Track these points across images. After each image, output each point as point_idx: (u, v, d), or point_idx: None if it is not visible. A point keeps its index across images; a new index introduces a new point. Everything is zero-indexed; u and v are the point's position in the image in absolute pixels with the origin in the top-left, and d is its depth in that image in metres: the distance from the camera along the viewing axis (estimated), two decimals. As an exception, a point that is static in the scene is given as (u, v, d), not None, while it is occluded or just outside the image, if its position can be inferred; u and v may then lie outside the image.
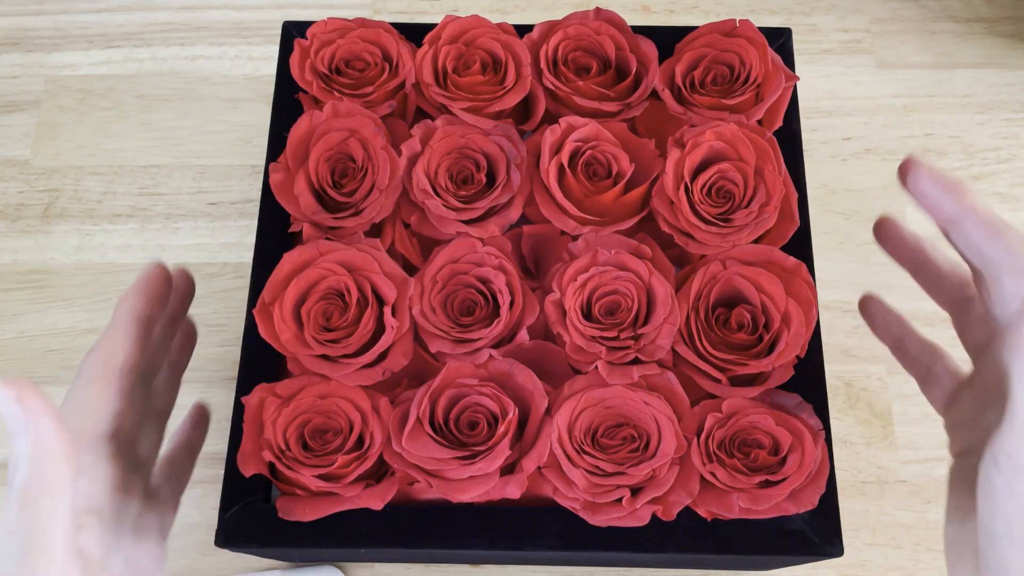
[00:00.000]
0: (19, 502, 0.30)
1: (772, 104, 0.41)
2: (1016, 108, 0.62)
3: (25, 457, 0.30)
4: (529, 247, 0.41)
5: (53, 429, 0.30)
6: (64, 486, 0.31)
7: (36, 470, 0.30)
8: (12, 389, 0.30)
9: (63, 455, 0.31)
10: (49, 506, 0.30)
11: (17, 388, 0.30)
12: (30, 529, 0.30)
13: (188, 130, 0.62)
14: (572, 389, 0.37)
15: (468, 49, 0.42)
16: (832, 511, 0.36)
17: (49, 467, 0.30)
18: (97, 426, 0.36)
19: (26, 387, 0.30)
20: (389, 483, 0.36)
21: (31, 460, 0.30)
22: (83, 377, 0.37)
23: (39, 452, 0.30)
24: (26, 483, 0.30)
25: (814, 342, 0.38)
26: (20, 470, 0.30)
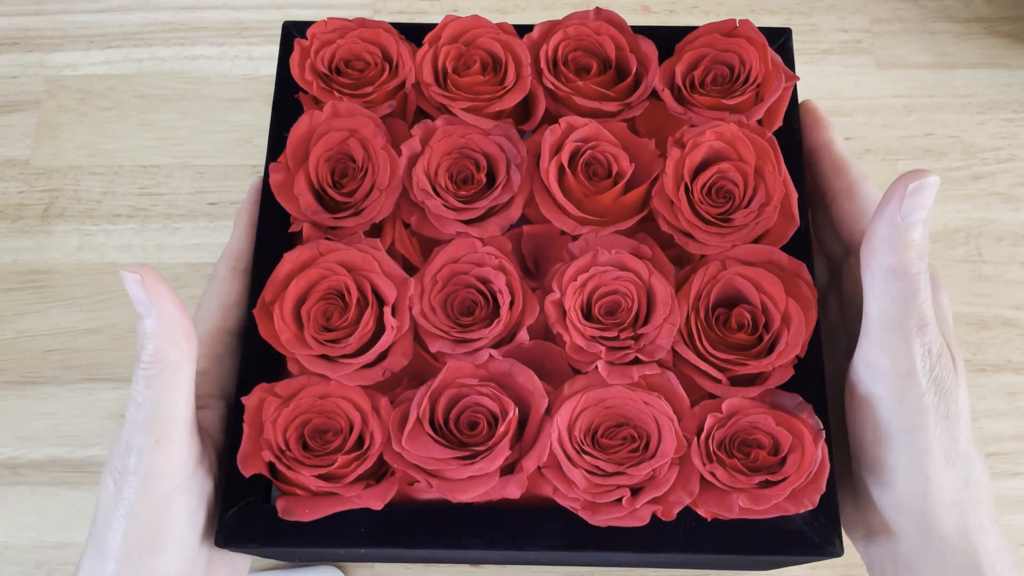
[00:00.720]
0: (144, 376, 0.34)
1: (772, 104, 0.41)
2: (1016, 108, 0.62)
3: (150, 335, 0.33)
4: (529, 247, 0.41)
5: (174, 311, 0.33)
6: (184, 363, 0.34)
7: (159, 347, 0.33)
8: (136, 273, 0.33)
9: (183, 335, 0.34)
10: (171, 381, 0.34)
11: (141, 273, 0.33)
12: (154, 401, 0.34)
13: (188, 130, 0.62)
14: (572, 389, 0.37)
15: (468, 49, 0.42)
16: (832, 511, 0.36)
17: (170, 345, 0.33)
18: (227, 321, 0.40)
19: (148, 272, 0.33)
20: (389, 483, 0.36)
21: (155, 338, 0.33)
22: (214, 280, 0.41)
23: (162, 331, 0.33)
24: (151, 360, 0.33)
25: (814, 342, 0.38)
26: (146, 348, 0.33)
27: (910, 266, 0.33)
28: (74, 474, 0.54)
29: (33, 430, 0.55)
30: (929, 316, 0.34)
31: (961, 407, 0.35)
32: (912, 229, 0.33)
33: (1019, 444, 0.54)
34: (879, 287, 0.34)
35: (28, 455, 0.54)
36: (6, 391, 0.56)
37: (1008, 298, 0.57)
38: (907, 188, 0.32)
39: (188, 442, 0.35)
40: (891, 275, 0.33)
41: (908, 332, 0.34)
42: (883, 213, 0.33)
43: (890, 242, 0.33)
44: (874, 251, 0.34)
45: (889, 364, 0.35)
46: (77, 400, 0.55)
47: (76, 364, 0.56)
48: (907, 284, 0.33)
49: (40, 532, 0.53)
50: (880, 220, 0.33)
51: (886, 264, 0.33)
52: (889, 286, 0.34)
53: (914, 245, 0.33)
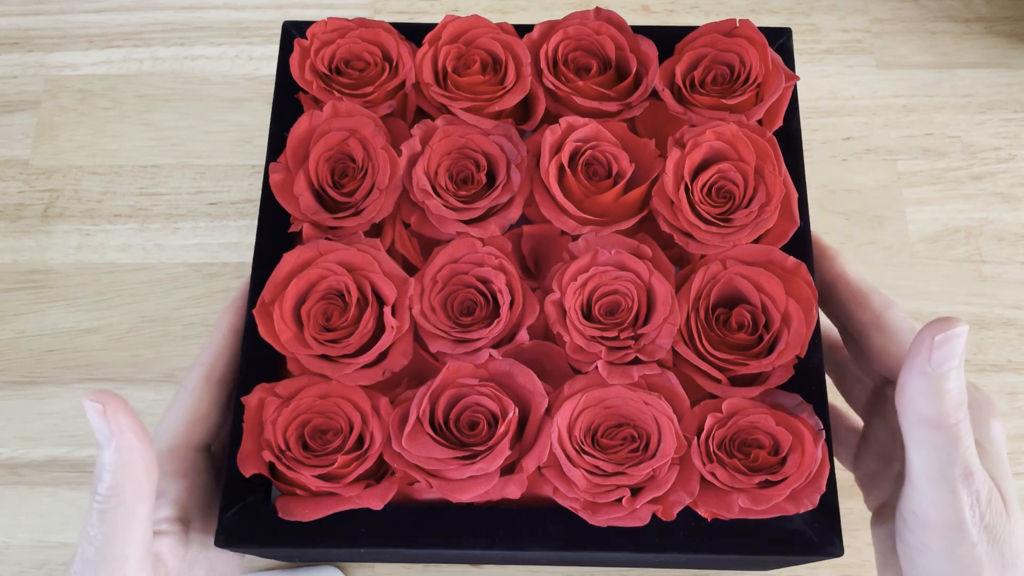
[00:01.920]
0: (99, 512, 0.32)
1: (772, 104, 0.41)
2: (1016, 108, 0.62)
3: (108, 468, 0.32)
4: (529, 247, 0.41)
5: (136, 443, 0.32)
6: (142, 498, 0.33)
7: (117, 482, 0.32)
8: (98, 402, 0.31)
9: (144, 469, 0.32)
10: (126, 517, 0.32)
11: (103, 402, 0.31)
12: (107, 538, 0.32)
13: (188, 130, 0.62)
14: (572, 389, 0.37)
15: (468, 49, 0.42)
16: (832, 511, 0.36)
17: (129, 480, 0.32)
18: (193, 436, 0.38)
19: (112, 401, 0.31)
20: (389, 483, 0.36)
21: (113, 472, 0.32)
22: (183, 390, 0.39)
23: (121, 465, 0.32)
24: (106, 494, 0.32)
25: (814, 342, 0.38)
26: (103, 480, 0.32)
27: (947, 417, 0.32)
28: (74, 474, 0.54)
29: (33, 430, 0.55)
30: (974, 463, 0.33)
31: (1017, 551, 0.34)
32: (945, 379, 0.31)
33: (1019, 444, 0.54)
34: (918, 438, 0.33)
35: (28, 455, 0.54)
36: (6, 391, 0.56)
37: (1008, 298, 0.57)
38: (934, 339, 0.31)
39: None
40: (929, 427, 0.32)
41: (953, 483, 0.32)
42: (913, 365, 0.32)
43: (924, 393, 0.32)
44: (908, 402, 0.32)
45: (936, 516, 0.33)
46: (77, 400, 0.55)
47: (76, 364, 0.56)
48: (946, 435, 0.32)
49: (40, 532, 0.53)
50: (911, 371, 0.32)
51: (922, 415, 0.32)
52: (928, 437, 0.32)
53: (949, 395, 0.32)
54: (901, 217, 0.59)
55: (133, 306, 0.57)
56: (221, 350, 0.40)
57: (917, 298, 0.57)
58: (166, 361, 0.56)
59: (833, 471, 0.36)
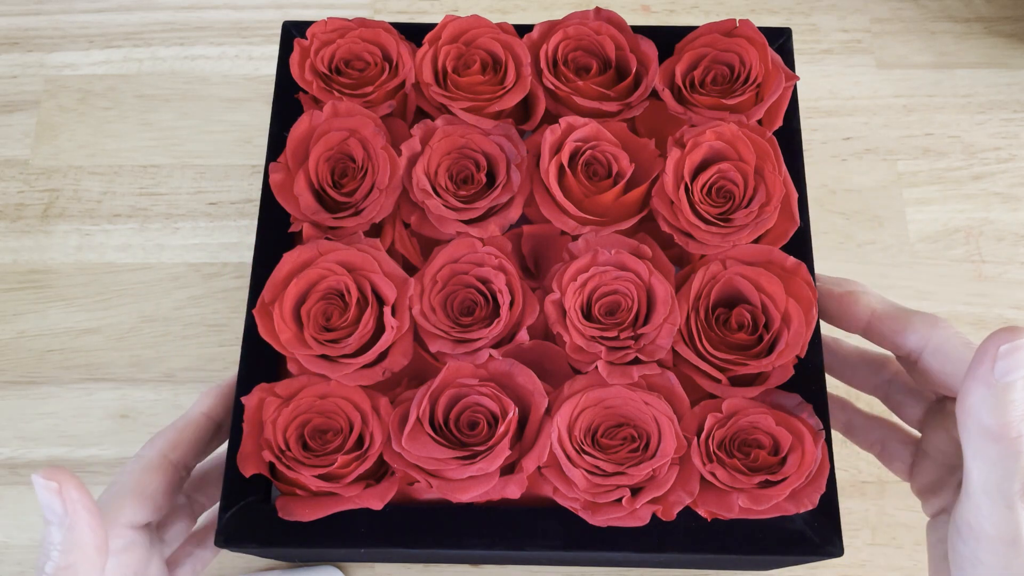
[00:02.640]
0: None
1: (772, 104, 0.41)
2: (1016, 108, 0.62)
3: (58, 547, 0.31)
4: (529, 247, 0.41)
5: (89, 523, 0.31)
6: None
7: (67, 562, 0.31)
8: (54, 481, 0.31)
9: (95, 549, 0.32)
10: None
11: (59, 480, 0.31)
12: None
13: (188, 130, 0.62)
14: (572, 389, 0.37)
15: (468, 49, 0.42)
16: (832, 511, 0.36)
17: (81, 560, 0.32)
18: (138, 515, 0.37)
19: (66, 480, 0.31)
20: (389, 483, 0.36)
21: (64, 551, 0.31)
22: (139, 461, 0.38)
23: (73, 545, 0.31)
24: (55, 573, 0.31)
25: (814, 342, 0.38)
26: (51, 560, 0.31)
27: (1009, 429, 0.31)
28: (74, 474, 0.54)
29: (33, 430, 0.55)
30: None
31: None
32: (1009, 390, 0.30)
33: (1019, 444, 0.54)
34: (977, 450, 0.32)
35: (28, 455, 0.54)
36: (6, 391, 0.56)
37: (1008, 298, 0.57)
38: (999, 349, 0.30)
39: None
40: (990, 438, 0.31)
41: (1011, 498, 0.31)
42: (976, 374, 0.31)
43: (986, 404, 0.31)
44: (969, 412, 0.32)
45: (992, 530, 0.32)
46: (77, 400, 0.55)
47: (76, 364, 0.56)
48: (1008, 447, 0.31)
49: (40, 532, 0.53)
50: (973, 381, 0.31)
51: (983, 426, 0.31)
52: (988, 449, 0.31)
53: (1013, 406, 0.31)
54: (901, 217, 0.59)
55: (133, 306, 0.57)
56: (188, 432, 0.39)
57: (917, 298, 0.57)
58: (166, 361, 0.56)
59: (833, 471, 0.36)
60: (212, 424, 0.40)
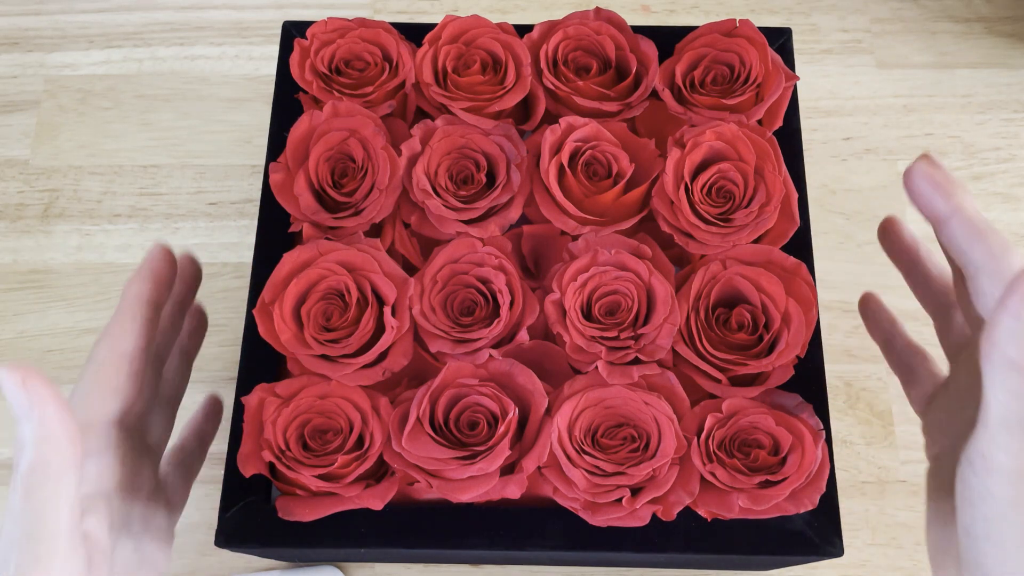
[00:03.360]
0: (23, 488, 0.30)
1: (772, 104, 0.41)
2: (1016, 108, 0.62)
3: (30, 443, 0.30)
4: (529, 247, 0.41)
5: (57, 415, 0.30)
6: (68, 471, 0.31)
7: (40, 456, 0.30)
8: (16, 374, 0.30)
9: (68, 441, 0.31)
10: (53, 491, 0.31)
11: (22, 374, 0.30)
12: (34, 515, 0.31)
13: (188, 130, 0.62)
14: (572, 389, 0.37)
15: (468, 49, 0.42)
16: (832, 511, 0.36)
17: (53, 453, 0.30)
18: (107, 411, 0.36)
19: (31, 373, 0.30)
20: (389, 483, 0.36)
21: (36, 446, 0.30)
22: (93, 363, 0.37)
23: (43, 438, 0.30)
24: (30, 469, 0.30)
25: (814, 342, 0.38)
26: (25, 455, 0.30)
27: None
28: (74, 474, 0.54)
29: (33, 430, 0.55)
30: None
31: None
32: None
33: (1019, 444, 0.54)
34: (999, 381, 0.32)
35: (28, 455, 0.54)
36: (6, 391, 0.56)
37: (1008, 298, 0.57)
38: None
39: (72, 557, 0.32)
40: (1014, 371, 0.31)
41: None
42: (1007, 305, 0.31)
43: (1014, 336, 0.31)
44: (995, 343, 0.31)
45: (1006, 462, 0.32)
46: (77, 400, 0.55)
47: (76, 364, 0.56)
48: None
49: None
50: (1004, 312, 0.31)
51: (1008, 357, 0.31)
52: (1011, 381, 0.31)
53: None
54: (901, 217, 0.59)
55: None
56: (127, 320, 0.38)
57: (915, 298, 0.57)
58: (166, 361, 0.56)
59: (833, 471, 0.36)
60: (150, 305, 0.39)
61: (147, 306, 0.38)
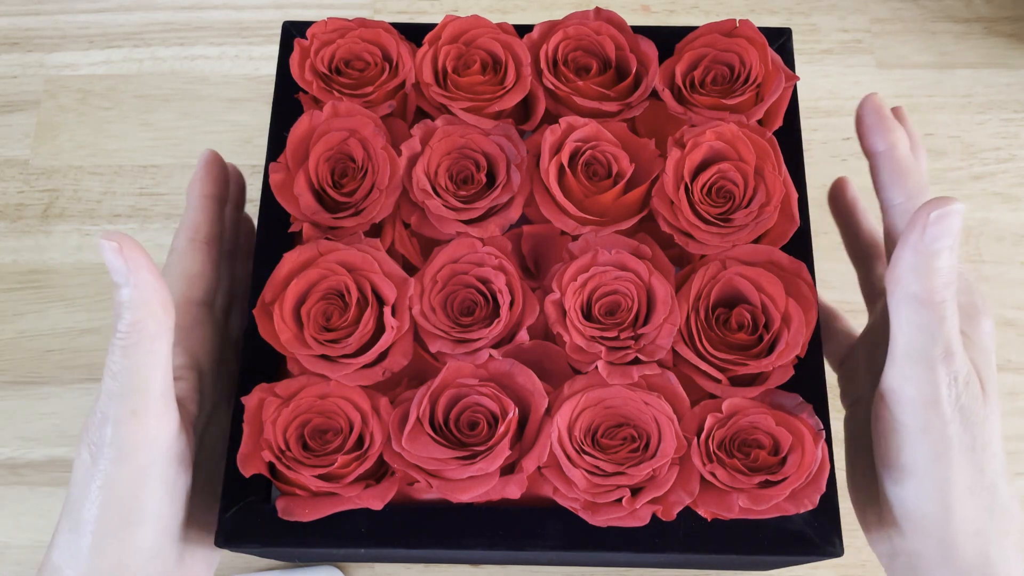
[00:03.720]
0: (121, 347, 0.33)
1: (772, 104, 0.41)
2: (1016, 108, 0.62)
3: (127, 305, 0.32)
4: (529, 247, 0.41)
5: (152, 280, 0.32)
6: (162, 334, 0.33)
7: (136, 317, 0.32)
8: (114, 241, 0.32)
9: (161, 304, 0.33)
10: (149, 350, 0.33)
11: (119, 240, 0.32)
12: (131, 372, 0.33)
13: (188, 130, 0.62)
14: (572, 389, 0.37)
15: (468, 49, 0.42)
16: (832, 511, 0.36)
17: (149, 316, 0.33)
18: (192, 292, 0.40)
19: (127, 241, 0.32)
20: (389, 483, 0.36)
21: (132, 308, 0.32)
22: (174, 252, 0.41)
23: (139, 301, 0.32)
24: (128, 329, 0.32)
25: (814, 342, 0.38)
26: (123, 318, 0.32)
27: (934, 294, 0.32)
28: (74, 474, 0.54)
29: (33, 430, 0.55)
30: (955, 344, 0.33)
31: (989, 438, 0.34)
32: (937, 257, 0.32)
33: (1019, 444, 0.54)
34: (904, 315, 0.33)
35: (28, 455, 0.54)
36: (6, 391, 0.56)
37: (1008, 298, 0.57)
38: (930, 216, 0.31)
39: (165, 414, 0.34)
40: (916, 303, 0.33)
41: (933, 361, 0.33)
42: (907, 240, 0.32)
43: (915, 270, 0.32)
44: (898, 279, 0.33)
45: (913, 392, 0.34)
46: (77, 400, 0.55)
47: (76, 364, 0.56)
48: (932, 312, 0.32)
49: (40, 532, 0.53)
50: (904, 247, 0.32)
51: (910, 292, 0.33)
52: (914, 314, 0.33)
53: (940, 272, 0.32)
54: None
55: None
56: (199, 214, 0.42)
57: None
58: (166, 361, 0.56)
59: (833, 471, 0.36)
60: (216, 201, 0.42)
61: (212, 200, 0.42)
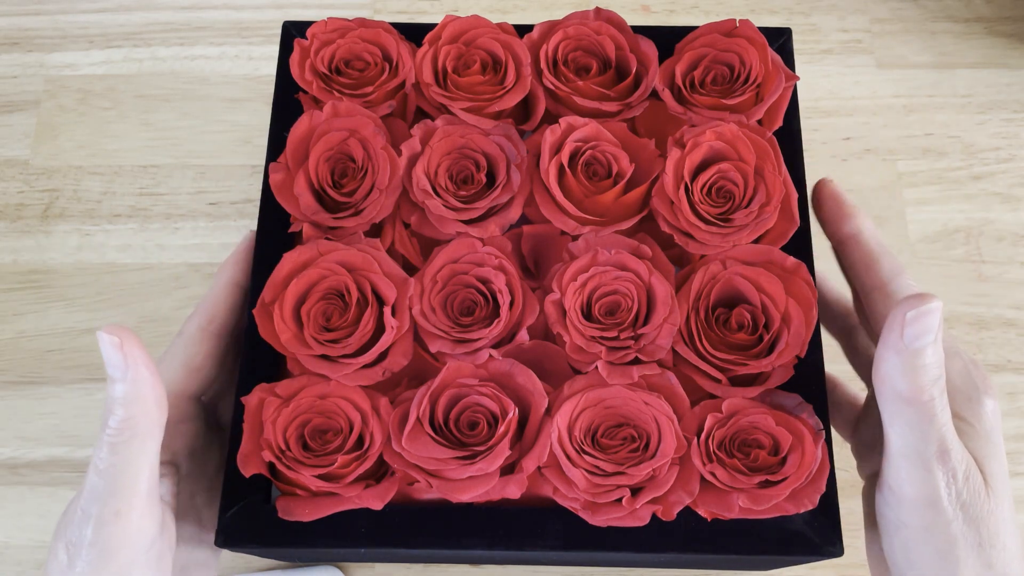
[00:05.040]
0: (110, 443, 0.32)
1: (772, 104, 0.41)
2: (1016, 108, 0.62)
3: (120, 401, 0.32)
4: (529, 247, 0.41)
5: (149, 378, 0.32)
6: (153, 433, 0.33)
7: (129, 415, 0.32)
8: (115, 335, 0.31)
9: (155, 404, 0.32)
10: (138, 450, 0.32)
11: (120, 335, 0.31)
12: (118, 471, 0.32)
13: (188, 130, 0.62)
14: (572, 389, 0.37)
15: (468, 49, 0.42)
16: (832, 511, 0.36)
17: (142, 414, 0.32)
18: (189, 385, 0.39)
19: (127, 335, 0.32)
20: (389, 483, 0.36)
21: (126, 404, 0.32)
22: (183, 336, 0.39)
23: (134, 398, 0.32)
24: (119, 426, 0.32)
25: (814, 342, 0.38)
26: (115, 414, 0.32)
27: (922, 393, 0.31)
28: (74, 474, 0.54)
29: (33, 430, 0.55)
30: (949, 440, 0.32)
31: (996, 530, 0.33)
32: (919, 355, 0.31)
33: (1019, 444, 0.54)
34: (893, 415, 0.32)
35: (28, 455, 0.54)
36: (6, 391, 0.56)
37: (1008, 298, 0.57)
38: (906, 316, 0.31)
39: (149, 514, 0.33)
40: (903, 403, 0.32)
41: (928, 460, 0.32)
42: (887, 341, 0.31)
43: (899, 370, 0.31)
44: (883, 378, 0.32)
45: (912, 492, 0.33)
46: (77, 400, 0.55)
47: (76, 364, 0.56)
48: (921, 412, 0.32)
49: (40, 532, 0.53)
50: (885, 348, 0.32)
51: (897, 392, 0.32)
52: (903, 414, 0.32)
53: (925, 370, 0.31)
54: (901, 217, 0.59)
55: (133, 306, 0.57)
56: (219, 302, 0.40)
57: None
58: (166, 361, 0.56)
59: (833, 471, 0.36)
60: (238, 290, 0.41)
61: (237, 289, 0.41)
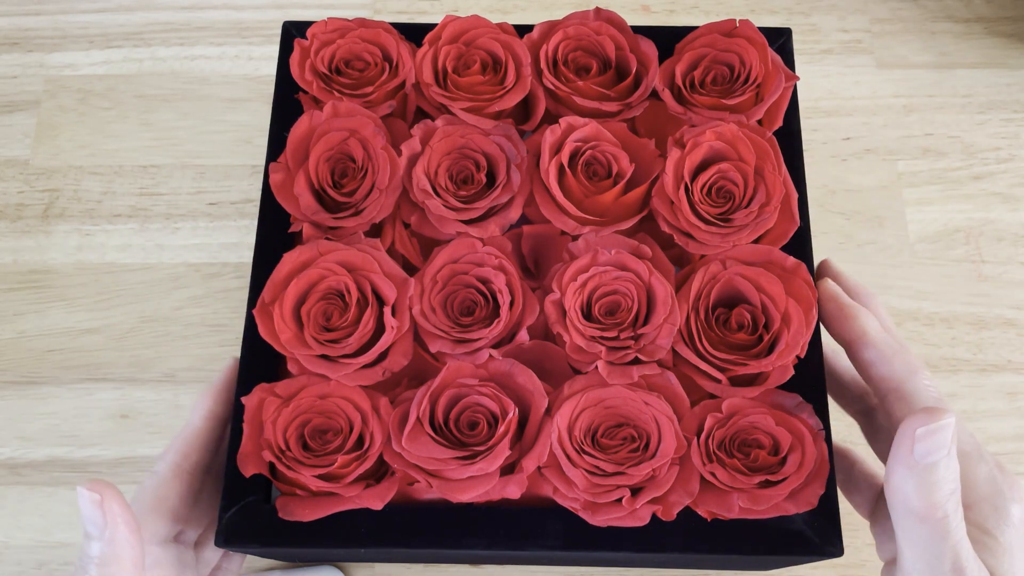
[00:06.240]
0: None
1: (772, 104, 0.41)
2: (1016, 108, 0.62)
3: (96, 561, 0.31)
4: (529, 247, 0.41)
5: (128, 537, 0.31)
6: None
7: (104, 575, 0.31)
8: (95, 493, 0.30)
9: (132, 564, 0.31)
10: None
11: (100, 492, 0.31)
12: None
13: (188, 130, 0.62)
14: (572, 389, 0.37)
15: (468, 49, 0.42)
16: (832, 511, 0.36)
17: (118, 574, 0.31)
18: (159, 528, 0.37)
19: (108, 492, 0.31)
20: (389, 483, 0.36)
21: (101, 565, 0.31)
22: (153, 478, 0.38)
23: (111, 559, 0.31)
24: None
25: (814, 342, 0.38)
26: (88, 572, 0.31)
27: (935, 510, 0.30)
28: (74, 474, 0.54)
29: (33, 430, 0.55)
30: (964, 557, 0.31)
31: None
32: (932, 471, 0.30)
33: (1019, 444, 0.54)
34: (906, 531, 0.32)
35: (28, 455, 0.54)
36: (6, 391, 0.56)
37: (1008, 298, 0.57)
38: (916, 432, 0.30)
39: None
40: (916, 519, 0.31)
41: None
42: (897, 455, 0.31)
43: (910, 485, 0.31)
44: (894, 492, 0.31)
45: None
46: (77, 400, 0.55)
47: (76, 364, 0.56)
48: (934, 529, 0.31)
49: (40, 532, 0.53)
50: (896, 462, 0.31)
51: (910, 507, 0.31)
52: (916, 531, 0.31)
53: (938, 486, 0.30)
54: (901, 217, 0.59)
55: (133, 306, 0.57)
56: (196, 437, 0.38)
57: (916, 298, 0.57)
58: (166, 361, 0.56)
59: (833, 471, 0.36)
60: (218, 423, 0.39)
61: (217, 422, 0.39)
